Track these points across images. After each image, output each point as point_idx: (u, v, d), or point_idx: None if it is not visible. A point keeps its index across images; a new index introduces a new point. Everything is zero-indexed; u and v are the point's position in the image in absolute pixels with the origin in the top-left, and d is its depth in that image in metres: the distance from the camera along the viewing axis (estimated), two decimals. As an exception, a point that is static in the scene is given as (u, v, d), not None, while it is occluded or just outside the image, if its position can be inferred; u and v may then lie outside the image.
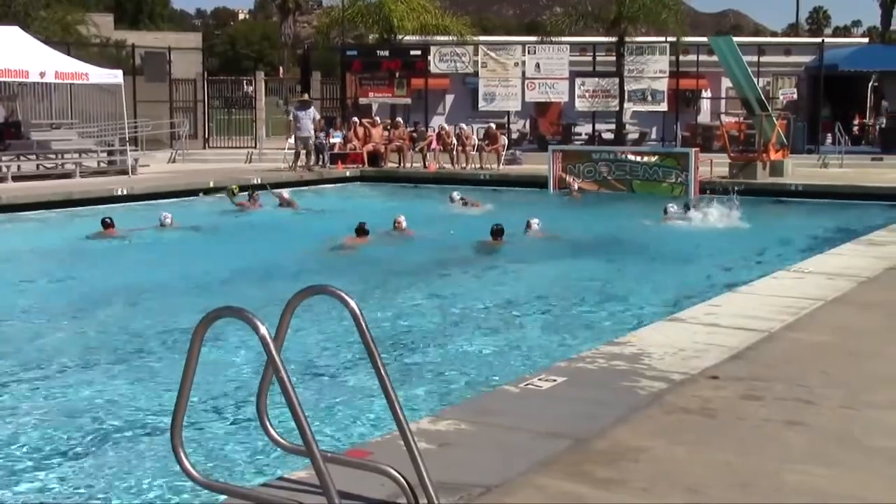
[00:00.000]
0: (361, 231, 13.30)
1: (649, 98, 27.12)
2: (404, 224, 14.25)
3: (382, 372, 3.37)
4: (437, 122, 29.24)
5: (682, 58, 28.31)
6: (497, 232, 13.21)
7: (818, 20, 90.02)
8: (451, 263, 12.41)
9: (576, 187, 20.30)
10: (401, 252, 13.22)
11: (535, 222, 14.25)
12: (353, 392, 6.66)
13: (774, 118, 21.95)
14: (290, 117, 24.48)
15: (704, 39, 26.91)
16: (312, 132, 23.80)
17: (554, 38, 28.46)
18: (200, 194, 19.11)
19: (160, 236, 14.82)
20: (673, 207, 16.97)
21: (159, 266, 12.33)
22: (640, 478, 3.88)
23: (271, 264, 12.21)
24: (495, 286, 10.96)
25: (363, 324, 3.35)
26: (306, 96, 26.43)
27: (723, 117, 26.33)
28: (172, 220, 15.23)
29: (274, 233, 15.44)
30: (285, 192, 19.08)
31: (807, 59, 30.74)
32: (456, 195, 18.15)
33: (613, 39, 28.28)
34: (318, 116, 24.53)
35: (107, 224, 14.40)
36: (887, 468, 4.12)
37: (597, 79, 27.72)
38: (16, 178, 20.50)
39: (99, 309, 9.77)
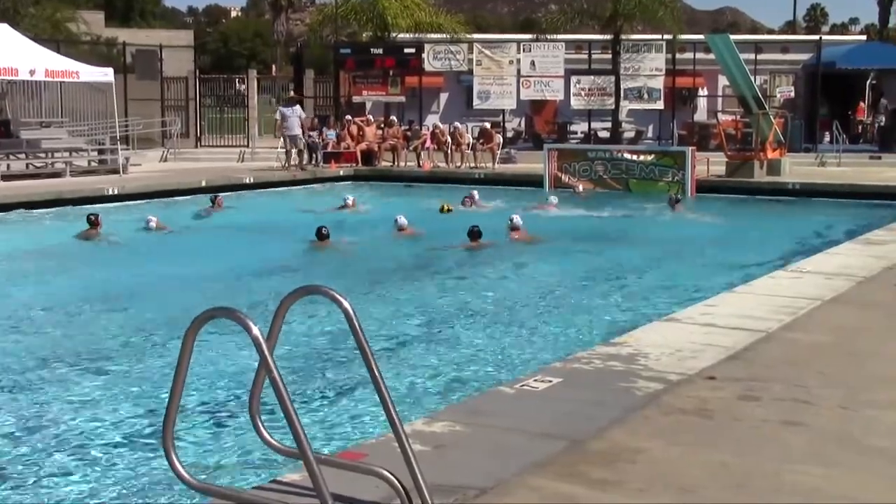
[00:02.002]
0: (320, 235, 13.26)
1: (645, 96, 27.02)
2: (404, 222, 14.17)
3: (376, 373, 3.35)
4: (432, 120, 29.08)
5: (678, 55, 28.18)
6: (474, 233, 12.98)
7: (816, 17, 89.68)
8: (439, 265, 12.34)
9: (580, 187, 20.20)
10: (382, 254, 13.14)
11: (516, 219, 13.94)
12: (346, 393, 6.59)
13: (772, 116, 21.86)
14: (278, 116, 24.25)
15: (701, 37, 26.93)
16: (299, 130, 23.60)
17: (549, 36, 28.33)
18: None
19: (146, 237, 14.68)
20: (554, 199, 16.99)
21: (146, 267, 12.25)
22: (636, 479, 3.85)
23: (248, 265, 12.16)
24: (485, 287, 10.87)
25: (356, 324, 3.33)
26: (291, 93, 26.23)
27: (720, 115, 26.13)
28: (158, 223, 15.04)
29: (250, 234, 15.34)
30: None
31: (804, 56, 30.55)
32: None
33: (609, 37, 28.12)
34: (304, 114, 24.34)
35: (92, 221, 14.22)
36: (887, 468, 4.07)
37: (592, 77, 27.60)
38: (5, 178, 20.35)
39: (88, 310, 9.68)
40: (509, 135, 29.33)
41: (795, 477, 3.90)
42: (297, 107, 24.15)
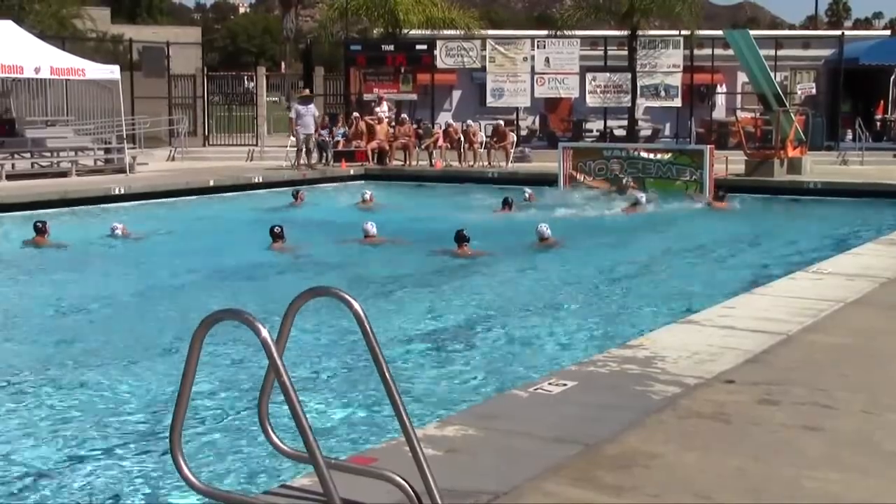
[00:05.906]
0: (273, 234, 13.12)
1: (662, 93, 26.84)
2: (370, 228, 13.63)
3: (387, 376, 3.33)
4: (444, 118, 28.88)
5: (696, 52, 27.92)
6: (461, 238, 12.35)
7: (838, 12, 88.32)
8: (450, 266, 12.11)
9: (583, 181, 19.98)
10: (389, 257, 12.91)
11: (544, 227, 13.53)
12: (357, 397, 6.55)
13: (792, 114, 21.72)
14: (292, 114, 23.96)
15: (720, 33, 26.60)
16: (314, 129, 23.37)
17: (564, 32, 28.14)
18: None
19: (102, 244, 14.06)
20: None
21: (122, 274, 11.94)
22: (650, 484, 3.82)
23: (231, 266, 12.01)
24: (498, 289, 10.76)
25: (368, 327, 3.31)
26: (307, 91, 26.07)
27: (739, 113, 26.03)
28: (125, 230, 14.34)
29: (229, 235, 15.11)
30: None
31: (826, 52, 30.18)
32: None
33: (625, 33, 27.89)
34: (317, 112, 24.10)
35: (39, 229, 13.30)
36: (908, 474, 4.01)
37: (608, 74, 27.35)
38: (10, 177, 20.22)
39: (83, 312, 9.62)
40: (523, 133, 29.10)
41: (814, 483, 3.84)
42: (312, 105, 23.92)
